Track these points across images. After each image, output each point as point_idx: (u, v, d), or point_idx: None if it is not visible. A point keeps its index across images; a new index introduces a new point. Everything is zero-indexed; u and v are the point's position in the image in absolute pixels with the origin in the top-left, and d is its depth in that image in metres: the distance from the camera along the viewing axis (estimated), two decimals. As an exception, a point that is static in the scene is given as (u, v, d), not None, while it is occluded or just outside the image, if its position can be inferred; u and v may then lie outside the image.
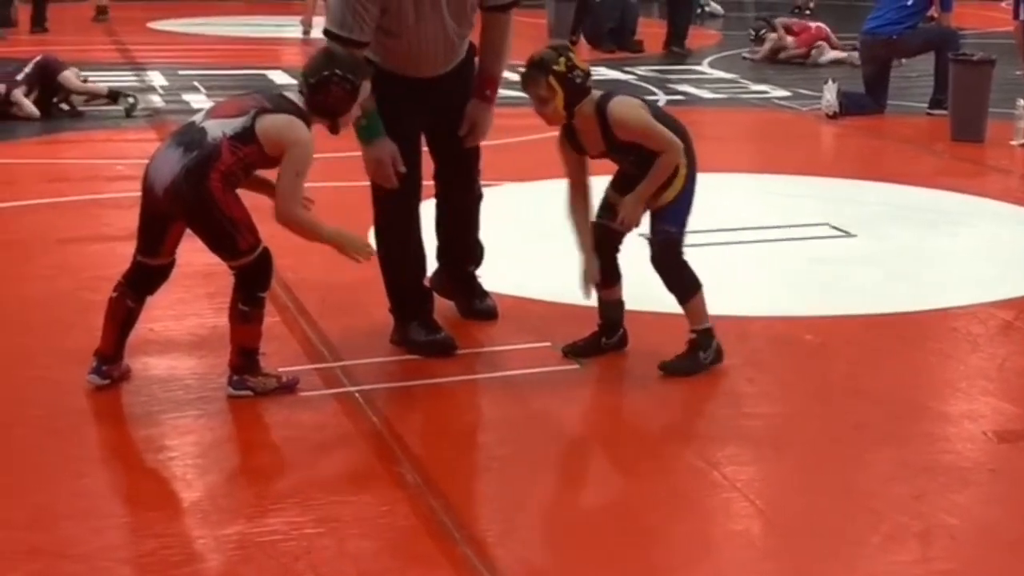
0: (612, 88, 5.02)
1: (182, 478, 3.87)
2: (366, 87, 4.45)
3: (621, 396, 4.57)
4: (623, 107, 4.67)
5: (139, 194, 4.42)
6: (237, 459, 4.04)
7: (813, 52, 14.13)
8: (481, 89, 5.14)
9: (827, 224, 7.04)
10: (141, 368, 4.66)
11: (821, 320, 5.47)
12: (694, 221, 6.99)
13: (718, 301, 5.59)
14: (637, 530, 3.59)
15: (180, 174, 4.29)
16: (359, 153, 4.92)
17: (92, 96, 10.18)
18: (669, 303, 4.91)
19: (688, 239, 6.56)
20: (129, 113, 9.95)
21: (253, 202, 4.43)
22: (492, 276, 5.83)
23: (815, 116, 10.79)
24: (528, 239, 6.62)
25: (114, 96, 10.13)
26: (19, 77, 9.73)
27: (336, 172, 6.65)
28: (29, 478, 3.86)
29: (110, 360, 4.52)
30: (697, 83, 12.69)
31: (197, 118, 4.45)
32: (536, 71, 4.63)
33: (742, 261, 6.35)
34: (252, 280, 4.43)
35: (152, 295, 4.57)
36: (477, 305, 5.38)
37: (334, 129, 4.49)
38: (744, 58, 14.55)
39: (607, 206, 4.87)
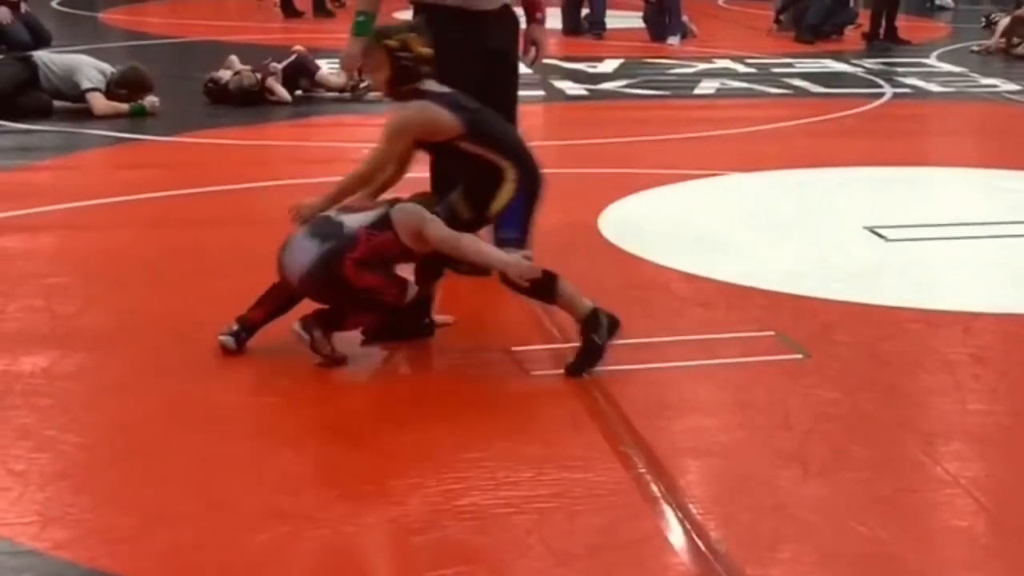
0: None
1: (422, 450, 4.05)
2: None
3: (844, 387, 4.59)
4: (406, 111, 4.70)
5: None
6: (473, 434, 4.20)
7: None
8: (532, 14, 5.88)
9: (1061, 221, 6.92)
10: (393, 347, 4.87)
11: (1052, 319, 5.41)
12: (922, 215, 7.02)
13: (944, 295, 5.60)
14: (859, 521, 3.63)
15: (316, 262, 4.59)
16: (586, 141, 5.09)
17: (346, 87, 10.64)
18: (892, 297, 4.92)
19: (916, 232, 6.60)
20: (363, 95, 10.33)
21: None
22: (719, 265, 5.93)
23: (1048, 111, 10.55)
24: (755, 228, 6.67)
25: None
26: (274, 69, 10.23)
27: (570, 159, 6.81)
28: (277, 444, 4.09)
29: (253, 330, 4.77)
30: (925, 76, 12.49)
31: (331, 212, 4.69)
32: (373, 37, 4.80)
33: (970, 256, 6.29)
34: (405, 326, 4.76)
35: None
36: None
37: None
38: (972, 51, 14.24)
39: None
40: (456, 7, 5.49)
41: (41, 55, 9.83)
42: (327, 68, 10.59)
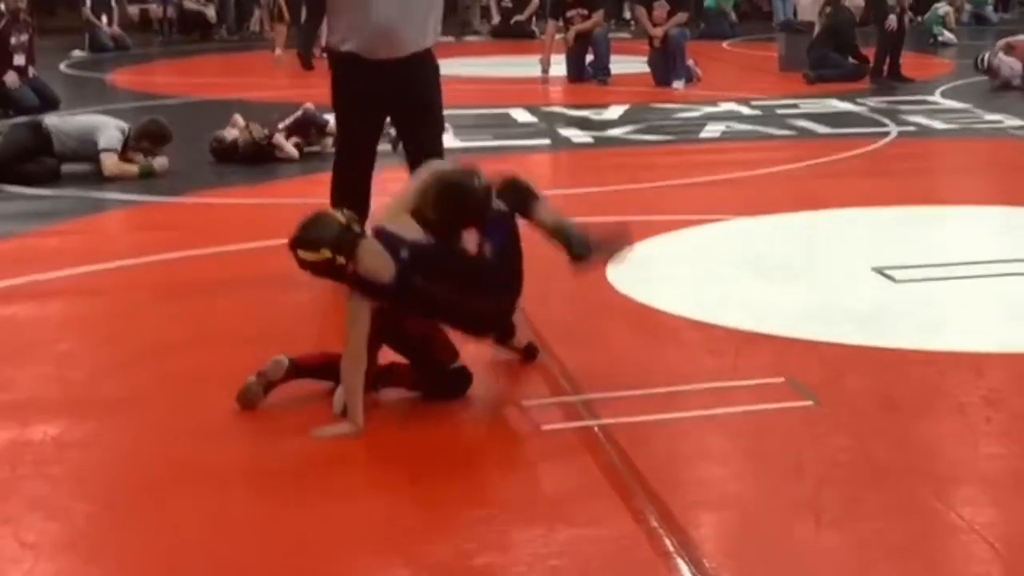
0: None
1: (433, 508, 4.04)
2: None
3: (855, 433, 4.57)
4: (351, 302, 4.67)
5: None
6: (484, 491, 4.20)
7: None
8: None
9: (1070, 258, 6.90)
10: (404, 402, 4.88)
11: (1064, 358, 5.38)
12: (930, 255, 7.01)
13: (954, 336, 5.59)
14: (874, 572, 3.62)
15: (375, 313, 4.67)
16: (592, 189, 5.09)
17: None
18: (901, 340, 4.91)
19: (925, 272, 6.59)
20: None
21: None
22: (728, 311, 5.92)
23: (1054, 146, 10.55)
24: (763, 273, 6.67)
25: None
26: (281, 126, 10.29)
27: (577, 208, 6.75)
28: (287, 507, 4.07)
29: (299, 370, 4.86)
30: (929, 114, 12.50)
31: None
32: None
33: (980, 296, 6.28)
34: (443, 389, 4.78)
35: None
36: None
37: None
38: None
39: None
40: (357, 55, 6.10)
41: (52, 121, 9.85)
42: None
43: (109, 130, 9.62)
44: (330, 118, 10.53)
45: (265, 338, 5.56)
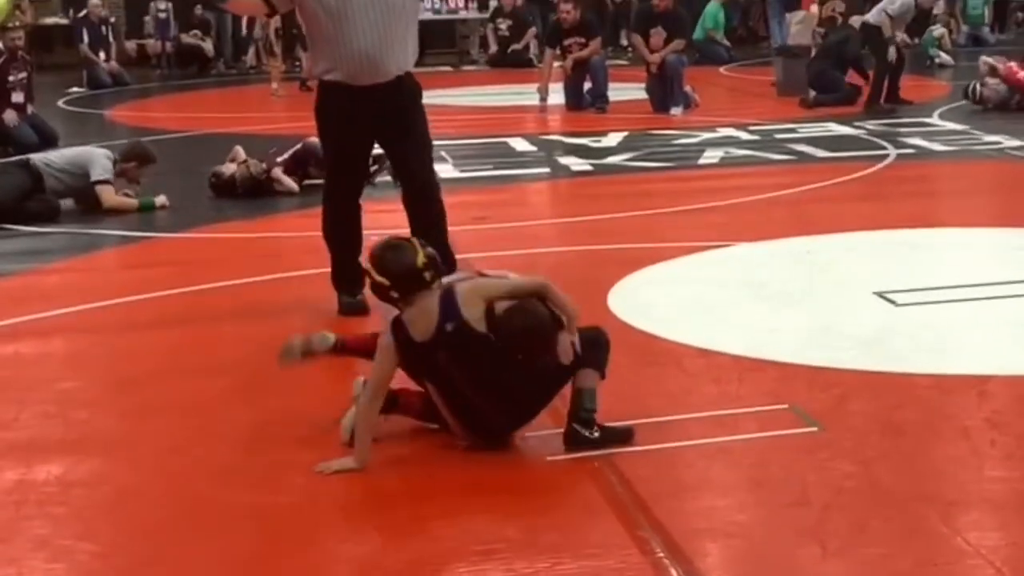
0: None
1: (437, 542, 4.03)
2: None
3: (859, 459, 4.56)
4: (382, 340, 4.71)
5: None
6: (488, 524, 4.17)
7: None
8: None
9: (1071, 279, 6.90)
10: (407, 434, 4.86)
11: (1066, 379, 5.38)
12: (931, 278, 7.01)
13: (956, 359, 5.59)
14: (881, 596, 3.62)
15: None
16: (592, 217, 5.09)
17: None
18: (904, 364, 4.90)
19: (926, 296, 6.60)
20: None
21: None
22: (730, 338, 5.92)
23: (1054, 166, 10.55)
24: (765, 299, 6.67)
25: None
26: (279, 159, 10.30)
27: (577, 236, 6.77)
28: (293, 544, 4.06)
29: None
30: (928, 136, 12.49)
31: None
32: None
33: (981, 318, 6.27)
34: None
35: None
36: None
37: None
38: None
39: None
40: (342, 82, 6.22)
41: (39, 158, 9.82)
42: None
43: (100, 160, 9.62)
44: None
45: (267, 372, 5.56)
